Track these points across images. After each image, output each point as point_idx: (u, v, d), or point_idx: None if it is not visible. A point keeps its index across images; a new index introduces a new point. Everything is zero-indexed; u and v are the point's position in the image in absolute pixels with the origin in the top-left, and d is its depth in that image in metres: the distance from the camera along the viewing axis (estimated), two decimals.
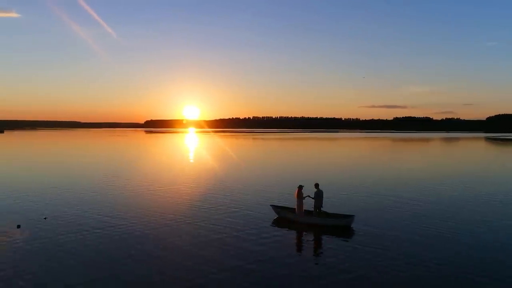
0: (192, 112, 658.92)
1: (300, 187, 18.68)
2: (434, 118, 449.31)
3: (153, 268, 12.43)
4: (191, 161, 54.25)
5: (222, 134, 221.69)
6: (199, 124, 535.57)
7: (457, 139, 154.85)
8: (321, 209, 18.30)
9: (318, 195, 18.21)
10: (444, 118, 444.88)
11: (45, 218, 18.55)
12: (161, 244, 14.93)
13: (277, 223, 18.35)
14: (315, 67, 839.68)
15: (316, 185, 18.52)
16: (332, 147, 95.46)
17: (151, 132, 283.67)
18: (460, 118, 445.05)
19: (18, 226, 16.99)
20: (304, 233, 16.95)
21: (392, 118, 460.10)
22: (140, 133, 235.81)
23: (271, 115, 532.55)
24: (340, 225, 17.43)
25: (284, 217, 19.00)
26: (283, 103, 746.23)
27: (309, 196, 18.47)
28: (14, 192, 25.54)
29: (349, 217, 17.73)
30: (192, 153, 72.03)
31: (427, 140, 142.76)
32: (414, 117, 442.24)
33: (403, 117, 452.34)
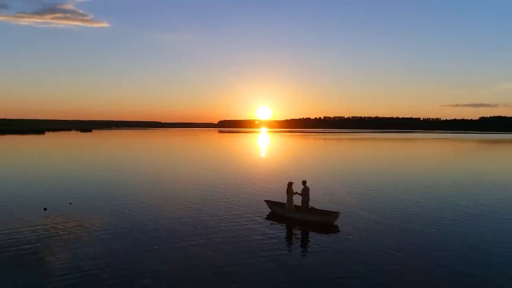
0: (264, 113, 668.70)
1: (290, 184, 19.39)
2: None
3: (152, 259, 13.15)
4: (244, 158, 56.38)
5: (292, 134, 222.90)
6: (270, 124, 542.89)
7: None
8: (308, 204, 18.87)
9: (305, 192, 18.83)
10: None
11: (70, 204, 21.59)
12: (158, 235, 15.90)
13: (269, 217, 19.24)
14: (391, 64, 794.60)
15: (304, 182, 19.16)
16: (393, 148, 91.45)
17: (222, 132, 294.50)
18: None
19: (45, 209, 20.10)
20: (290, 228, 17.62)
21: (477, 118, 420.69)
22: (213, 133, 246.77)
23: (343, 115, 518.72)
24: (324, 221, 17.84)
25: (276, 212, 19.90)
26: (355, 102, 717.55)
27: (297, 193, 19.13)
28: (51, 181, 29.74)
29: (334, 214, 18.07)
30: (250, 151, 74.45)
31: (506, 141, 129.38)
32: (505, 117, 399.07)
33: (490, 116, 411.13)
